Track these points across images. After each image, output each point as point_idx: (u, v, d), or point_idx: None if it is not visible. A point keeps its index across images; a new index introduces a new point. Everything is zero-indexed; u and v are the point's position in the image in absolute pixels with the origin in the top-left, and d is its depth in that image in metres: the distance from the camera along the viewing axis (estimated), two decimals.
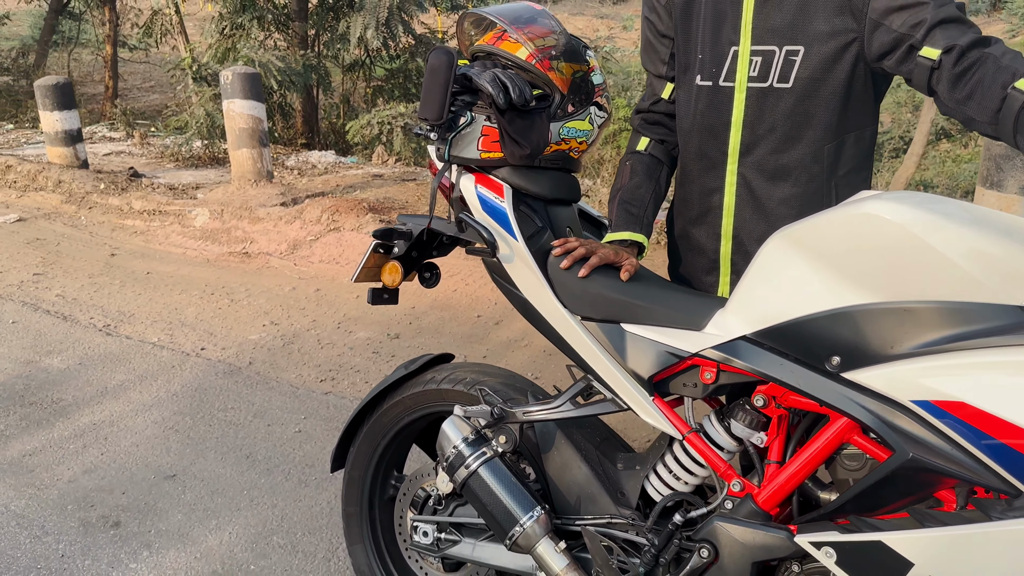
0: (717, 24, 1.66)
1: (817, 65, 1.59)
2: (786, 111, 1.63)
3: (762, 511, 1.46)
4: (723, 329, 1.49)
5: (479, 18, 1.76)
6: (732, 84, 1.66)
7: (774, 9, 1.60)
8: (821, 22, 1.58)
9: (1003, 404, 1.19)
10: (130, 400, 3.28)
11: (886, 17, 1.52)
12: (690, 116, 1.74)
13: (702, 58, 1.69)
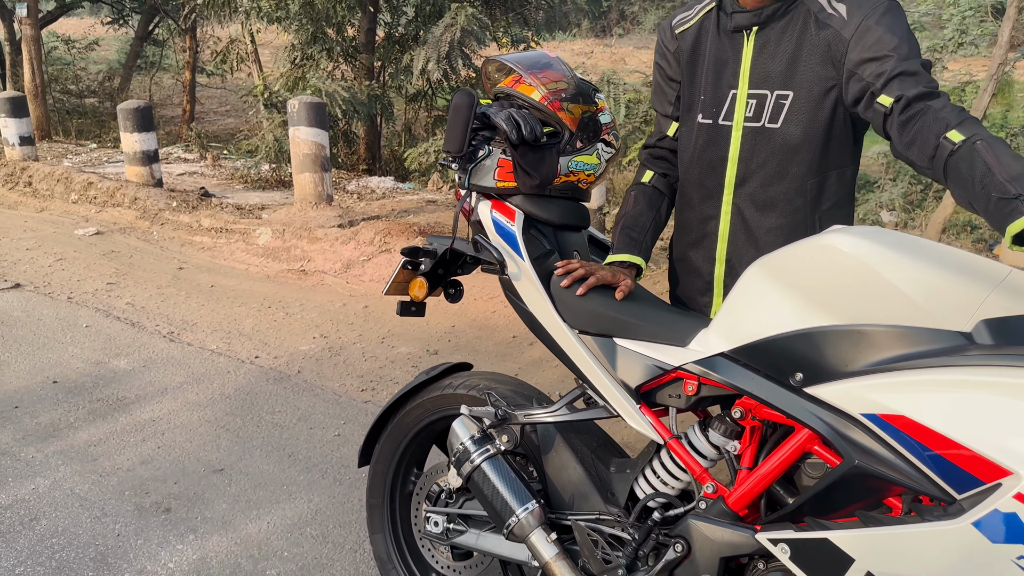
0: (719, 70, 1.87)
1: (803, 108, 1.78)
2: (775, 148, 1.82)
3: (731, 512, 1.61)
4: (704, 346, 1.66)
5: (500, 65, 1.98)
6: (730, 123, 1.85)
7: (769, 59, 1.80)
8: (808, 71, 1.77)
9: (939, 418, 1.33)
10: (187, 400, 3.55)
11: (859, 67, 1.70)
12: (691, 150, 1.93)
13: (704, 99, 1.89)
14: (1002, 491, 1.24)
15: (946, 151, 1.50)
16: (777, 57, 1.79)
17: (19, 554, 2.53)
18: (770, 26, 1.80)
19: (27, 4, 10.45)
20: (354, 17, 9.15)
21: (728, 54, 1.85)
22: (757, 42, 1.81)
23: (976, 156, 1.47)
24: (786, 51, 1.78)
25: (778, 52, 1.79)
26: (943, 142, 1.51)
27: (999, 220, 1.41)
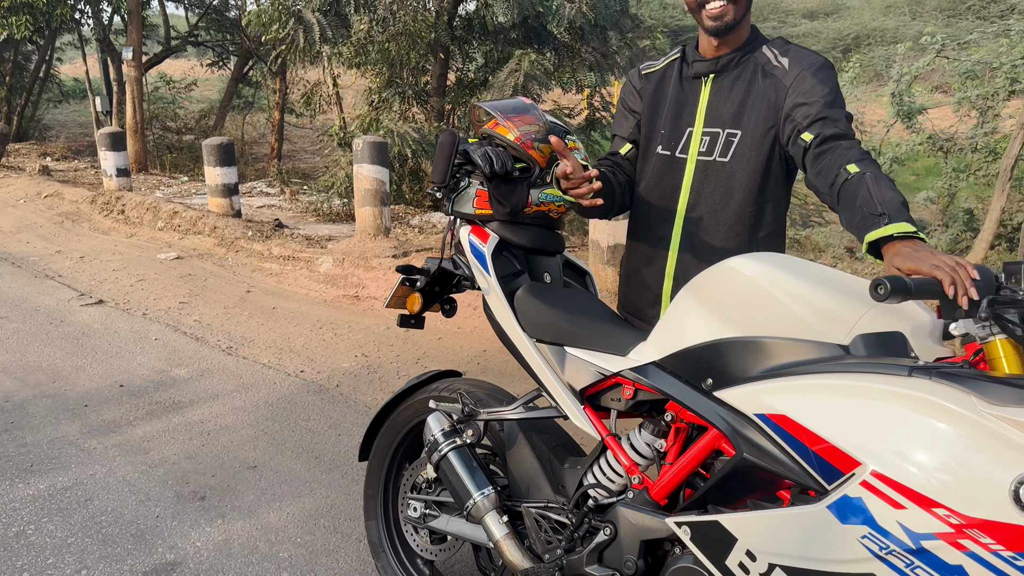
0: (679, 110, 2.15)
1: (749, 145, 2.05)
2: (722, 180, 2.09)
3: (653, 501, 1.83)
4: (640, 355, 1.89)
5: (484, 111, 2.27)
6: (685, 156, 2.13)
7: (722, 102, 2.09)
8: (754, 113, 2.04)
9: (812, 418, 1.54)
10: (233, 406, 3.91)
11: (792, 110, 1.98)
12: (649, 177, 2.20)
13: (664, 133, 2.16)
14: (852, 479, 1.44)
15: (841, 179, 1.76)
16: (729, 101, 2.07)
17: (72, 528, 2.89)
18: (725, 74, 2.09)
19: (132, 48, 11.36)
20: (427, 63, 9.67)
21: (687, 96, 2.14)
22: (713, 87, 2.10)
23: (863, 184, 1.72)
24: (737, 96, 2.06)
25: (730, 96, 2.07)
26: (841, 172, 1.77)
27: (862, 231, 1.64)
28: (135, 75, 11.58)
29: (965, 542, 1.32)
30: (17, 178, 10.78)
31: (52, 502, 3.05)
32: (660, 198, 2.18)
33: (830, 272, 1.68)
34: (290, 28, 8.67)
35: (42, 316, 5.34)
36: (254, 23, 8.70)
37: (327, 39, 8.66)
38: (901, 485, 1.39)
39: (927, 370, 1.44)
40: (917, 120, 6.63)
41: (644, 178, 2.22)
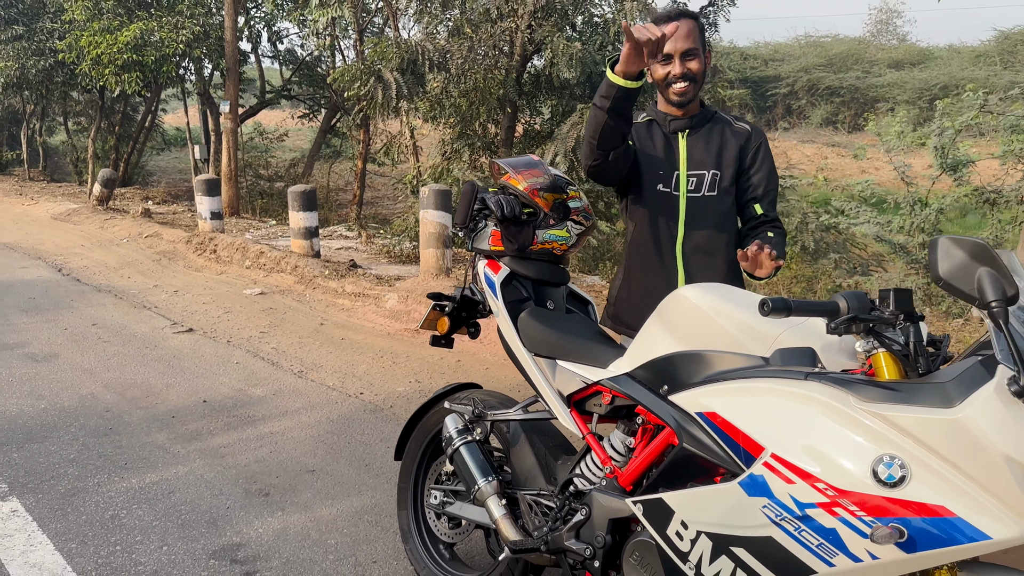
0: (667, 154, 2.66)
1: (727, 182, 2.61)
2: (710, 210, 2.62)
3: (620, 487, 2.21)
4: (617, 368, 2.29)
5: (500, 166, 2.72)
6: (678, 193, 2.63)
7: (701, 150, 2.63)
8: (728, 157, 2.61)
9: (734, 414, 1.91)
10: (300, 421, 4.42)
11: (753, 174, 2.64)
12: (652, 210, 2.68)
13: (662, 173, 2.67)
14: (757, 461, 1.81)
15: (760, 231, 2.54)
16: (708, 148, 2.62)
17: (157, 514, 3.40)
18: (697, 129, 2.65)
19: (229, 102, 12.34)
20: (497, 116, 10.27)
21: (670, 147, 2.67)
22: (689, 140, 2.64)
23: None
24: (714, 144, 2.63)
25: (708, 145, 2.62)
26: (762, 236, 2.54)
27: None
28: (231, 127, 12.56)
29: (837, 510, 1.67)
30: (122, 219, 11.79)
31: (141, 493, 3.58)
32: (662, 228, 2.68)
33: (757, 297, 2.06)
34: (370, 86, 9.37)
35: (139, 341, 6.00)
36: (339, 80, 9.44)
37: (403, 96, 9.33)
38: (792, 465, 1.75)
39: (819, 375, 1.81)
40: (963, 172, 6.81)
41: (649, 211, 2.69)
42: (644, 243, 2.71)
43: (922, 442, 1.62)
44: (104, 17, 12.04)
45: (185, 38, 11.77)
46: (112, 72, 11.95)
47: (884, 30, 47.67)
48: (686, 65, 2.53)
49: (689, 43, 2.52)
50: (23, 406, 4.64)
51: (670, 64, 2.55)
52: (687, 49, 2.52)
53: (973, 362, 1.65)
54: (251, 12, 14.93)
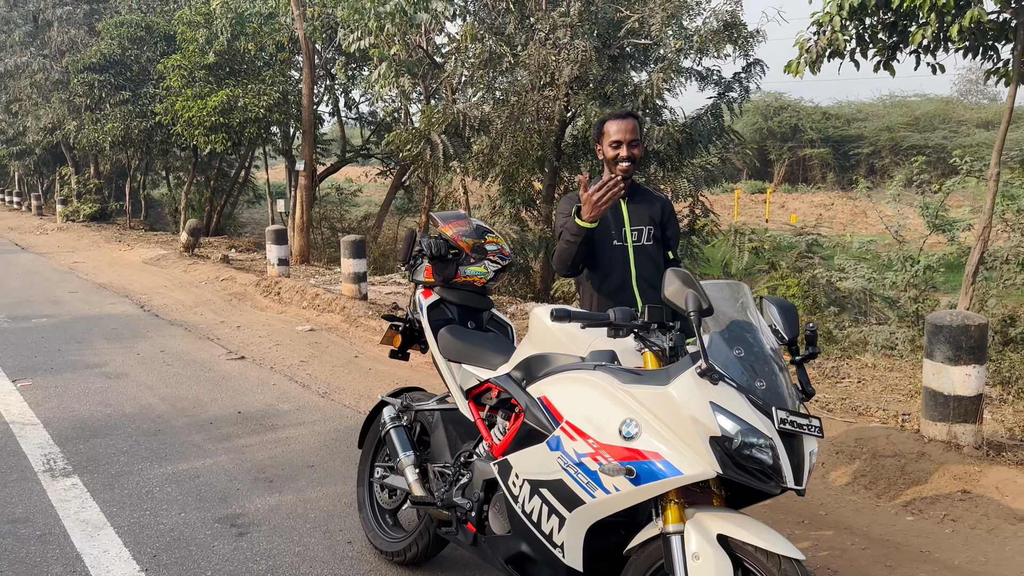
0: (615, 216, 3.39)
1: (657, 233, 3.38)
2: (650, 254, 3.38)
3: (492, 456, 2.93)
4: (502, 369, 3.04)
5: (434, 219, 3.53)
6: (627, 244, 3.37)
7: (638, 211, 3.40)
8: (656, 217, 3.40)
9: (553, 396, 2.64)
10: (313, 429, 5.25)
11: (668, 229, 3.46)
12: (611, 258, 3.39)
13: (614, 232, 3.38)
14: (558, 427, 2.53)
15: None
16: (642, 210, 3.39)
17: (182, 490, 4.26)
18: (633, 196, 3.43)
19: (304, 161, 13.61)
20: (539, 175, 11.14)
21: (617, 209, 3.40)
22: (630, 204, 3.40)
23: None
24: (645, 207, 3.41)
25: (641, 208, 3.40)
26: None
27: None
28: (305, 183, 13.81)
29: (598, 457, 2.38)
30: (203, 265, 13.08)
31: (173, 476, 4.46)
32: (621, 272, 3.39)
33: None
34: (420, 147, 10.40)
35: (197, 365, 6.99)
36: (393, 143, 10.50)
37: (449, 156, 10.31)
38: (576, 428, 2.47)
39: (604, 367, 2.52)
40: (953, 232, 7.28)
41: (609, 259, 3.39)
42: (610, 282, 3.40)
43: (649, 409, 2.32)
44: (196, 84, 13.56)
45: (266, 103, 13.13)
46: (201, 133, 13.39)
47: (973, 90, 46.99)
48: (631, 151, 3.32)
49: (633, 136, 3.32)
50: (93, 411, 5.62)
51: (619, 149, 3.32)
52: (632, 140, 3.31)
53: (688, 355, 2.35)
54: (329, 81, 16.35)
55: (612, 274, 3.40)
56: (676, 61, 10.23)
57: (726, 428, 2.19)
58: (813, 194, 39.25)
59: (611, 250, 3.38)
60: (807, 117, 43.78)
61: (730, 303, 2.49)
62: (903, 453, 4.39)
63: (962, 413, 4.33)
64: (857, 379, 6.24)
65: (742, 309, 2.49)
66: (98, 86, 16.86)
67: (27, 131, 22.67)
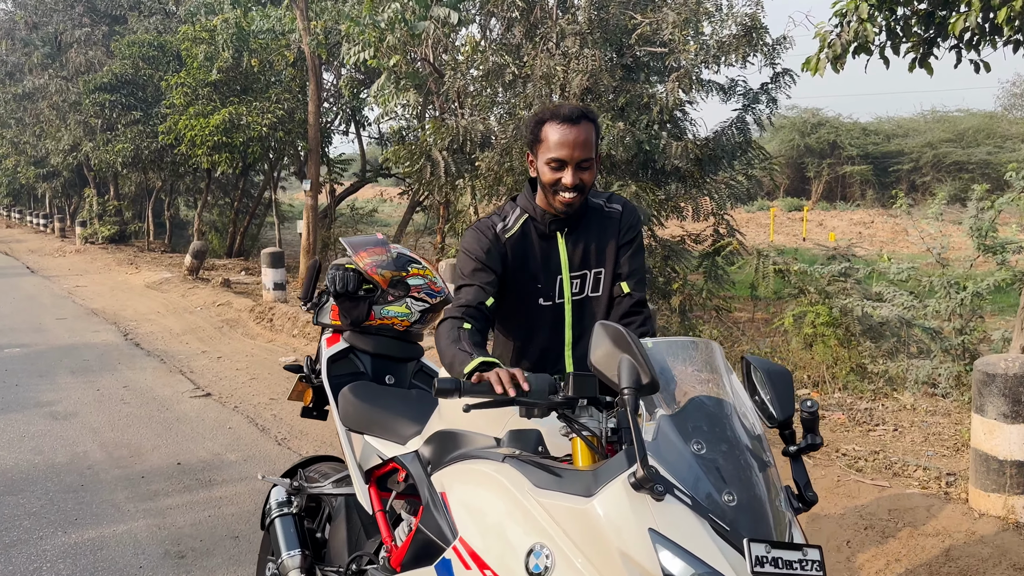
0: (547, 264, 2.38)
1: (610, 276, 2.42)
2: (597, 309, 2.42)
3: (390, 567, 2.20)
4: (412, 444, 2.31)
5: (344, 245, 2.82)
6: (563, 300, 2.39)
7: (581, 249, 2.40)
8: (608, 251, 2.41)
9: (453, 495, 1.92)
10: (253, 487, 4.55)
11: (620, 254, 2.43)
12: (535, 322, 2.39)
13: (541, 287, 2.37)
14: (450, 545, 1.81)
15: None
16: (588, 245, 2.40)
17: (76, 569, 3.58)
18: (576, 226, 2.38)
19: (310, 180, 13.05)
20: None
21: (549, 251, 2.37)
22: (568, 239, 2.37)
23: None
24: (593, 238, 2.40)
25: (587, 242, 2.40)
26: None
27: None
28: (311, 203, 13.24)
29: None
30: (203, 289, 12.55)
31: (73, 548, 3.78)
32: (550, 339, 2.40)
33: None
34: (421, 164, 9.75)
35: (155, 404, 6.35)
36: (392, 159, 9.87)
37: (450, 174, 9.65)
38: (471, 550, 1.74)
39: (514, 459, 1.79)
40: (1007, 256, 6.42)
41: (532, 324, 2.41)
42: (534, 346, 2.41)
43: (566, 531, 1.59)
44: (200, 102, 13.08)
45: (269, 121, 12.60)
46: (204, 153, 12.89)
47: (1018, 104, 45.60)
48: (579, 176, 2.24)
49: (586, 152, 2.23)
50: (19, 460, 4.99)
51: (562, 172, 2.24)
52: (583, 159, 2.23)
53: (623, 450, 1.60)
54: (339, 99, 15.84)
55: (535, 337, 2.42)
56: (693, 69, 9.50)
57: (672, 572, 1.44)
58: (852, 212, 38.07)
59: (537, 311, 2.38)
60: (846, 133, 42.72)
61: (693, 370, 1.74)
62: (948, 531, 3.56)
63: (1022, 483, 3.50)
64: (894, 426, 5.39)
65: (710, 378, 1.75)
66: (109, 106, 16.52)
67: (49, 153, 22.52)
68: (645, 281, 2.45)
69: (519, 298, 2.40)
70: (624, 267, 2.41)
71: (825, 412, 5.75)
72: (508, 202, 2.51)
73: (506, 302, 2.41)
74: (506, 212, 2.44)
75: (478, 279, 2.32)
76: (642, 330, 2.34)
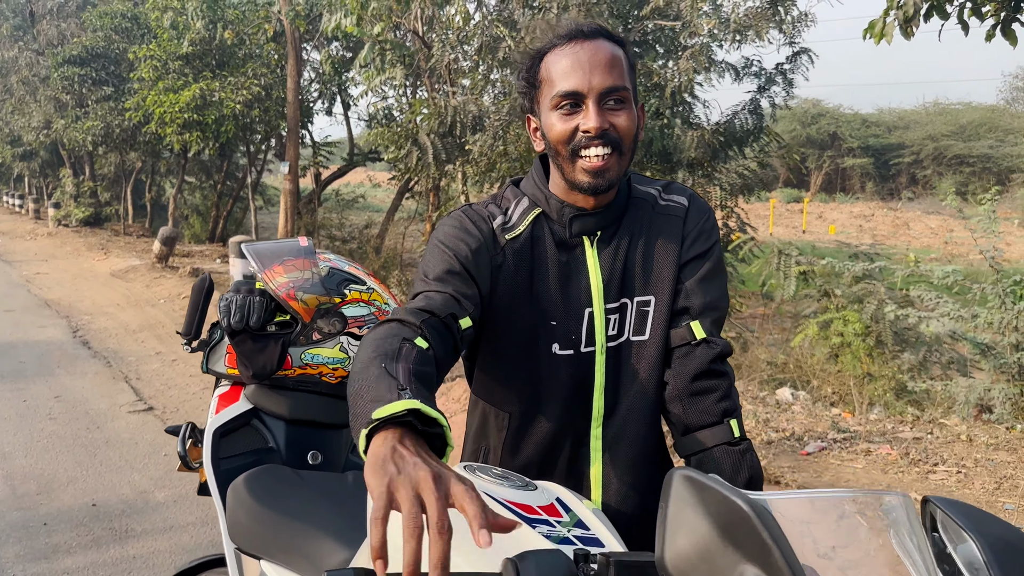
0: (566, 288, 1.49)
1: (664, 311, 1.50)
2: (646, 364, 1.51)
3: None
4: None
5: (248, 255, 1.93)
6: (593, 348, 1.49)
7: (621, 265, 1.50)
8: (665, 269, 1.52)
9: None
10: (177, 542, 3.66)
11: (687, 274, 1.52)
12: (546, 386, 1.50)
13: (556, 325, 1.48)
14: None
15: (722, 435, 1.47)
16: (635, 259, 1.51)
17: None
18: (613, 229, 1.51)
19: (289, 163, 12.12)
20: None
21: (572, 268, 1.49)
22: (602, 249, 1.50)
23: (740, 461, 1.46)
24: (638, 252, 1.51)
25: (633, 253, 1.51)
26: (727, 426, 1.48)
27: None
28: (290, 188, 12.31)
29: None
30: (169, 279, 11.62)
31: None
32: (566, 411, 1.51)
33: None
34: (407, 149, 8.84)
35: (86, 420, 5.45)
36: (374, 143, 8.95)
37: (440, 160, 8.74)
38: None
39: None
40: None
41: (535, 388, 1.52)
42: (531, 439, 1.53)
43: None
44: (169, 77, 12.10)
45: (244, 98, 11.64)
46: (175, 131, 11.94)
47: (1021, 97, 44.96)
48: (608, 118, 1.39)
49: (614, 78, 1.39)
50: None
51: (578, 114, 1.40)
52: (609, 87, 1.38)
53: None
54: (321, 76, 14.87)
55: (544, 408, 1.51)
56: (709, 46, 8.61)
57: None
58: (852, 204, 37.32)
59: (548, 363, 1.50)
60: (846, 124, 42.11)
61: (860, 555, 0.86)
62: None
63: None
64: (956, 466, 4.53)
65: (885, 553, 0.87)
66: (79, 81, 15.50)
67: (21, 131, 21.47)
68: (724, 320, 1.53)
69: (519, 342, 1.50)
70: (695, 297, 1.50)
71: (869, 444, 4.89)
72: (508, 187, 1.57)
73: (496, 347, 1.52)
74: (507, 202, 1.54)
75: (452, 286, 1.42)
76: (724, 406, 1.47)
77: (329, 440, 1.87)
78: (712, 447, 1.46)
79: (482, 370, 1.58)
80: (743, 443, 1.47)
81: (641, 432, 1.52)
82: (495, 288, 1.47)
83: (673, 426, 1.53)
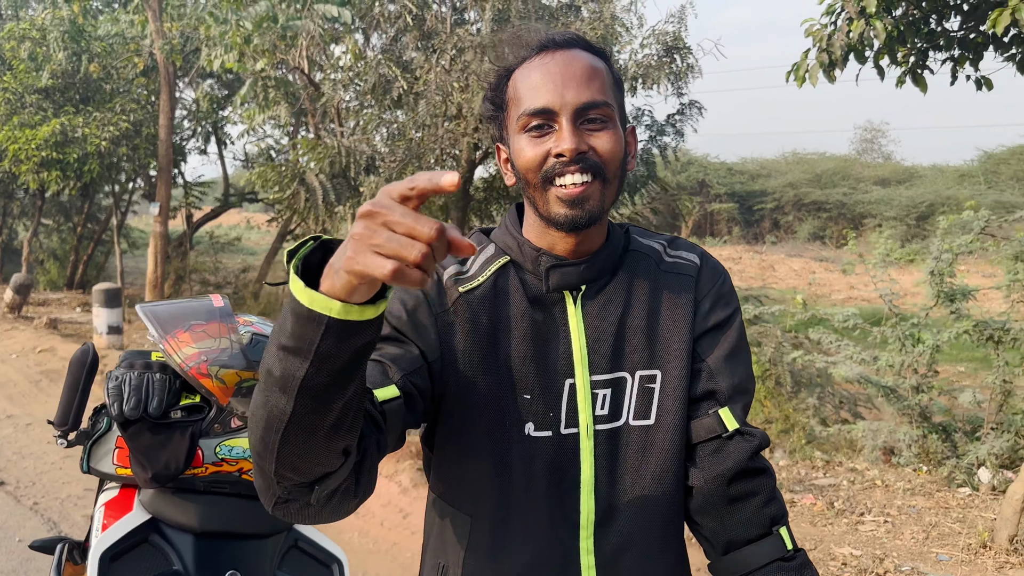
0: (543, 350, 1.19)
1: (675, 389, 1.21)
2: (649, 455, 1.21)
3: None
4: None
5: (146, 317, 1.53)
6: (576, 430, 1.19)
7: (605, 326, 1.21)
8: (676, 337, 1.22)
9: None
10: None
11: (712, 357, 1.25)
12: (519, 480, 1.19)
13: (530, 399, 1.19)
14: None
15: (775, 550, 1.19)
16: (626, 322, 1.22)
17: None
18: (603, 282, 1.23)
19: (159, 204, 11.34)
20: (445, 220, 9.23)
21: (549, 327, 1.20)
22: (587, 305, 1.21)
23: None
24: (640, 309, 1.22)
25: (627, 315, 1.22)
26: (778, 537, 1.21)
27: None
28: (159, 230, 11.50)
29: None
30: (23, 331, 10.55)
31: None
32: (544, 515, 1.20)
33: None
34: (293, 189, 8.37)
35: None
36: (257, 182, 8.43)
37: (329, 201, 8.30)
38: None
39: None
40: (962, 305, 5.69)
41: (504, 483, 1.20)
42: (500, 554, 1.21)
43: None
44: (26, 111, 11.14)
45: (110, 135, 10.83)
46: (31, 169, 10.96)
47: (870, 148, 48.36)
48: (585, 138, 1.14)
49: (592, 92, 1.14)
50: None
51: (550, 134, 1.14)
52: (587, 103, 1.13)
53: None
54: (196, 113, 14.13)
55: (516, 510, 1.19)
56: None
57: None
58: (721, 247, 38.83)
59: (520, 449, 1.19)
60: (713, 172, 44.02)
61: None
62: None
63: None
64: (881, 514, 4.44)
65: None
66: None
67: None
68: (750, 406, 1.24)
69: (480, 419, 1.18)
70: (721, 378, 1.21)
71: (791, 493, 4.76)
72: (474, 234, 1.28)
73: (452, 426, 1.20)
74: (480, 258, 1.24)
75: (381, 351, 1.14)
76: (771, 512, 1.21)
77: (250, 555, 1.46)
78: (764, 566, 1.16)
79: (440, 459, 1.24)
80: (798, 555, 1.19)
81: (652, 549, 1.21)
82: (445, 352, 1.17)
83: (708, 542, 1.23)
